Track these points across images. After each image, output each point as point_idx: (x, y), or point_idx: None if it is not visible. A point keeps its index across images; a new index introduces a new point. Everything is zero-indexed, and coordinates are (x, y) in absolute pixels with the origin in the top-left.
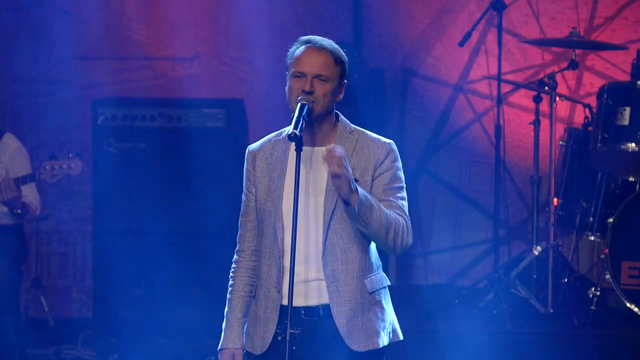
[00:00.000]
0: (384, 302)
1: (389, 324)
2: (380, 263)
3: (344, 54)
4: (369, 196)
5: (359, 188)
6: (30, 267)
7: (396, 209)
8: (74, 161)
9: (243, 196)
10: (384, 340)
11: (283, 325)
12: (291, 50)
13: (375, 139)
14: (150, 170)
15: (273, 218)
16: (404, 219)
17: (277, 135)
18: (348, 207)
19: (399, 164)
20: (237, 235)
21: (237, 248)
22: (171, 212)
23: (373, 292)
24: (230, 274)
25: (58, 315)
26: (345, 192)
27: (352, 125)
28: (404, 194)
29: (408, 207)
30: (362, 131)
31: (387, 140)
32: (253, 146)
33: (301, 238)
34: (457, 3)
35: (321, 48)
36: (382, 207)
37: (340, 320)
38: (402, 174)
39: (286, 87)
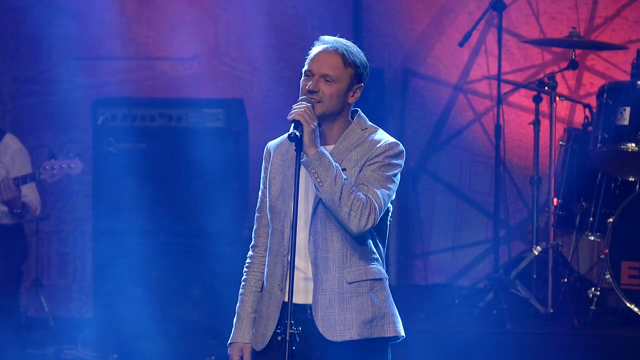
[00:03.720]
0: (372, 294)
1: (380, 318)
2: (377, 257)
3: (361, 57)
4: (332, 160)
5: (322, 148)
6: (30, 267)
7: (368, 191)
8: (74, 161)
9: (260, 192)
10: (366, 332)
11: (283, 324)
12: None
13: (381, 137)
14: (150, 170)
15: (282, 216)
16: (369, 200)
17: None
18: (305, 160)
19: (396, 161)
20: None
21: (251, 243)
22: (171, 212)
23: (354, 282)
24: (244, 268)
25: (58, 315)
26: (306, 142)
27: (370, 123)
28: (390, 186)
29: (408, 208)
30: (376, 129)
31: (392, 140)
32: (271, 143)
33: (305, 237)
34: (457, 3)
35: (332, 49)
36: (344, 177)
37: (316, 309)
38: (395, 172)
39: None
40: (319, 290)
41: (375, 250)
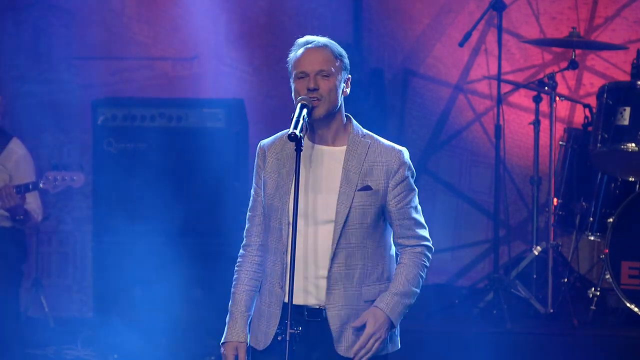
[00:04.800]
0: None
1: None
2: (389, 275)
3: (342, 48)
4: (400, 303)
5: (391, 310)
6: (30, 267)
7: (415, 231)
8: (76, 174)
9: (252, 191)
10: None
11: (284, 324)
12: (290, 55)
13: (387, 146)
14: (150, 170)
15: (280, 214)
16: (424, 248)
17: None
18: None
19: (412, 172)
20: (240, 232)
21: (243, 242)
22: (171, 212)
23: (370, 301)
24: (235, 267)
25: (58, 315)
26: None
27: (364, 130)
28: (417, 200)
29: None
30: (374, 137)
31: (400, 148)
32: (265, 141)
33: (308, 236)
34: (457, 3)
35: (319, 45)
36: (409, 282)
37: (334, 323)
38: (413, 182)
39: (292, 92)
40: (339, 306)
41: (388, 269)
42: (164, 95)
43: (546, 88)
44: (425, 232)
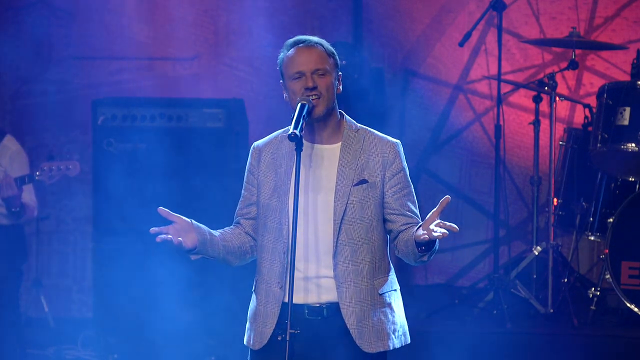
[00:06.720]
0: (394, 304)
1: (400, 327)
2: (392, 267)
3: (331, 46)
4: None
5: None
6: (30, 267)
7: (415, 216)
8: (72, 162)
9: (243, 190)
10: (394, 342)
11: (283, 323)
12: (280, 56)
13: (382, 138)
14: (150, 170)
15: (279, 213)
16: None
17: (284, 132)
18: (422, 253)
19: (405, 163)
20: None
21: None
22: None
23: (383, 293)
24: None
25: (58, 315)
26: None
27: (357, 124)
28: (413, 191)
29: None
30: (368, 130)
31: (394, 140)
32: (259, 142)
33: (309, 235)
34: (457, 3)
35: (311, 44)
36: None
37: (351, 321)
38: (408, 173)
39: (285, 93)
40: (353, 303)
41: (390, 260)
42: (164, 95)
43: (546, 88)
44: None
